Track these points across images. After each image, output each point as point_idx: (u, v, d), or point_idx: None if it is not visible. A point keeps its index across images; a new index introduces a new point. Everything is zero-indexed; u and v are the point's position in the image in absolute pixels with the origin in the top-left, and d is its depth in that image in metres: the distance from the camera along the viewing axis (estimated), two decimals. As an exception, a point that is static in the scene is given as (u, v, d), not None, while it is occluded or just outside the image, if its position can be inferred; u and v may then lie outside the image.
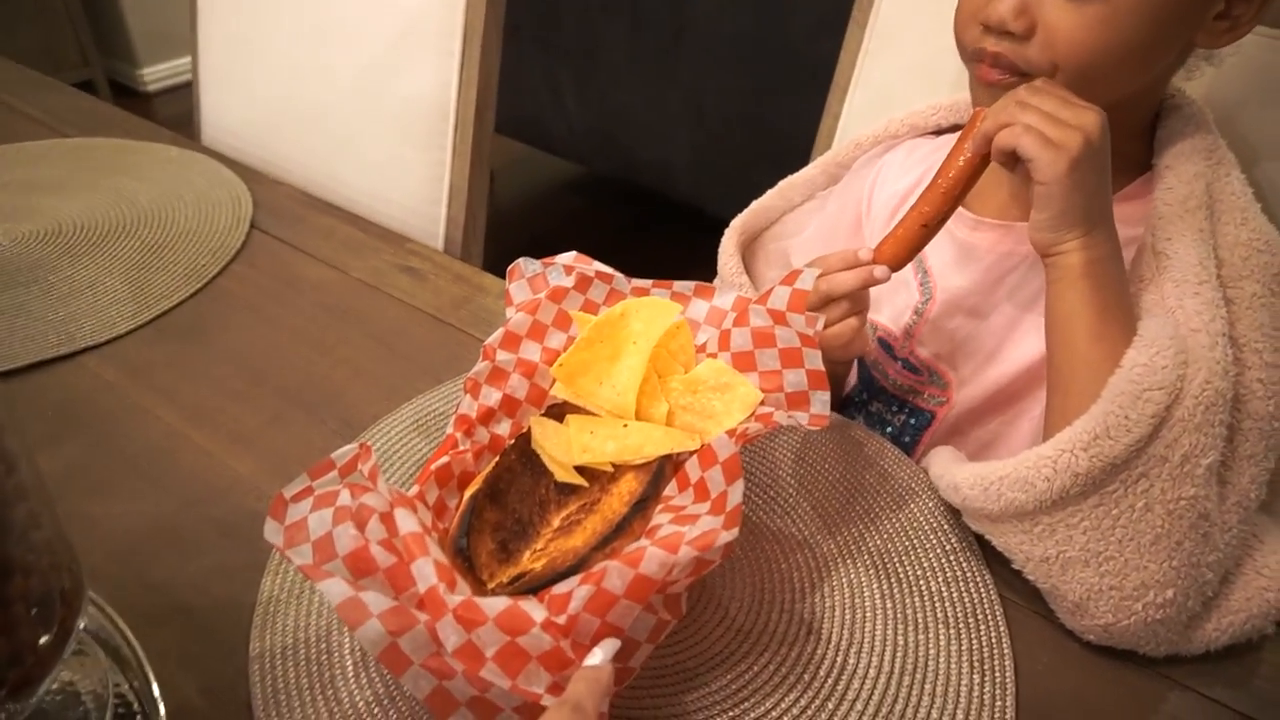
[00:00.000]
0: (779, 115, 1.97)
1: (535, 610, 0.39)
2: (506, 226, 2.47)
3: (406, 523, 0.42)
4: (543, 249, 0.60)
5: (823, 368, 0.50)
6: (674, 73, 2.09)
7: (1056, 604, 0.50)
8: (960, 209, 0.62)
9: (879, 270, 0.56)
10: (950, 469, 0.52)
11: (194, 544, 0.52)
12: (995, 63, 0.54)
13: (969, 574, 0.52)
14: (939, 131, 0.75)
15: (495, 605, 0.39)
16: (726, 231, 0.77)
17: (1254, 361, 0.50)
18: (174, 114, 2.78)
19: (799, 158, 0.99)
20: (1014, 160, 0.51)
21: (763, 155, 2.06)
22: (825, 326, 0.57)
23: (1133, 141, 0.60)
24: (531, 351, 0.56)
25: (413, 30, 0.89)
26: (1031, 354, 0.60)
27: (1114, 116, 0.53)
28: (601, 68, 2.21)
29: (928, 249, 0.65)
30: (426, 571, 0.40)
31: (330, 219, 0.84)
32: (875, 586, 0.51)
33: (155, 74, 2.88)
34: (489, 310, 0.73)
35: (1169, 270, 0.51)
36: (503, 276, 0.71)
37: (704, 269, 0.79)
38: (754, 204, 0.79)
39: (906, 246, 0.56)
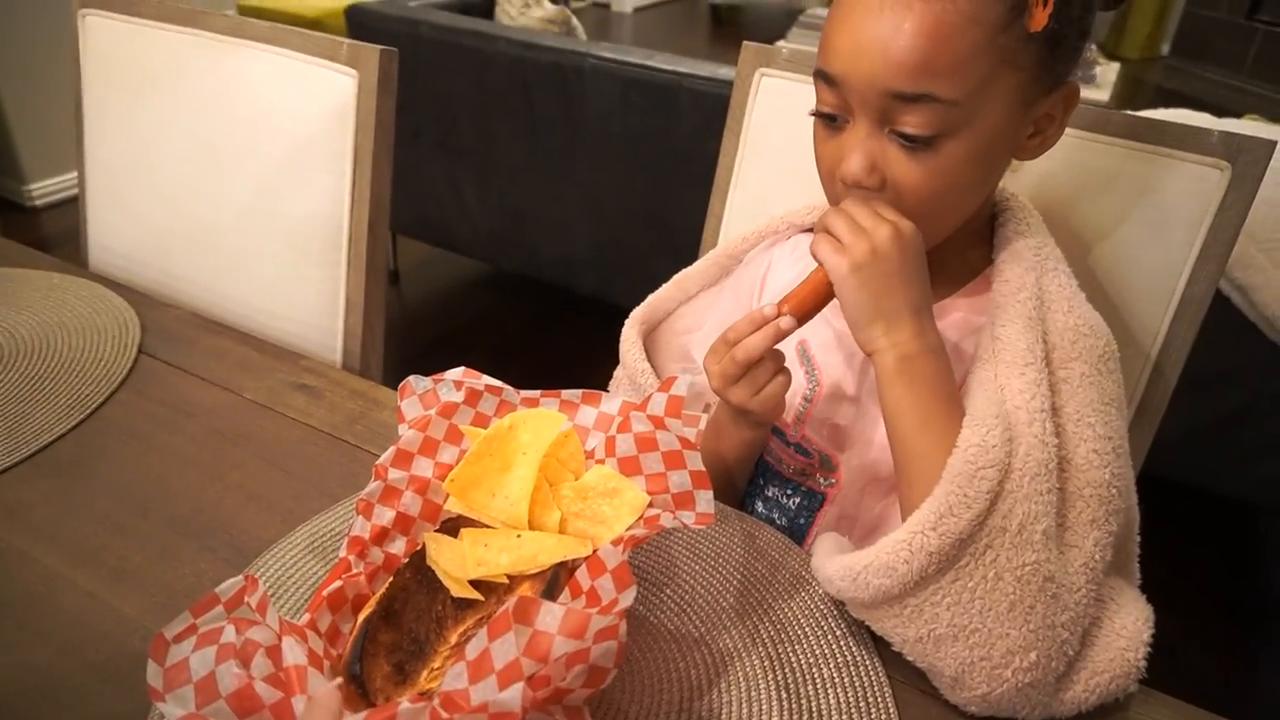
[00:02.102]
0: (673, 209, 2.05)
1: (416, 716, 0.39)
2: (415, 328, 2.47)
3: (292, 654, 0.41)
4: (451, 348, 0.61)
5: (703, 469, 0.52)
6: (571, 172, 2.16)
7: (937, 680, 0.52)
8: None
9: (785, 321, 0.58)
10: (823, 564, 0.55)
11: (73, 694, 0.50)
12: None
13: (858, 659, 0.54)
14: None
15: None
16: (627, 323, 0.80)
17: (1088, 434, 0.55)
18: (62, 229, 2.71)
19: (695, 248, 1.04)
20: None
21: (661, 247, 2.13)
22: (757, 391, 0.60)
23: (974, 240, 0.66)
24: (424, 468, 0.57)
25: (303, 152, 0.91)
26: None
27: (958, 229, 0.61)
28: (501, 169, 2.27)
29: (811, 338, 0.69)
30: (300, 708, 0.40)
31: (223, 340, 0.84)
32: (770, 678, 0.53)
33: (42, 189, 2.82)
34: (385, 425, 0.73)
35: (1002, 353, 0.57)
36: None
37: (611, 361, 0.81)
38: (651, 296, 0.83)
39: (812, 299, 0.59)
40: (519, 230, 2.33)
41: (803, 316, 0.59)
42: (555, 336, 2.43)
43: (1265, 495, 1.63)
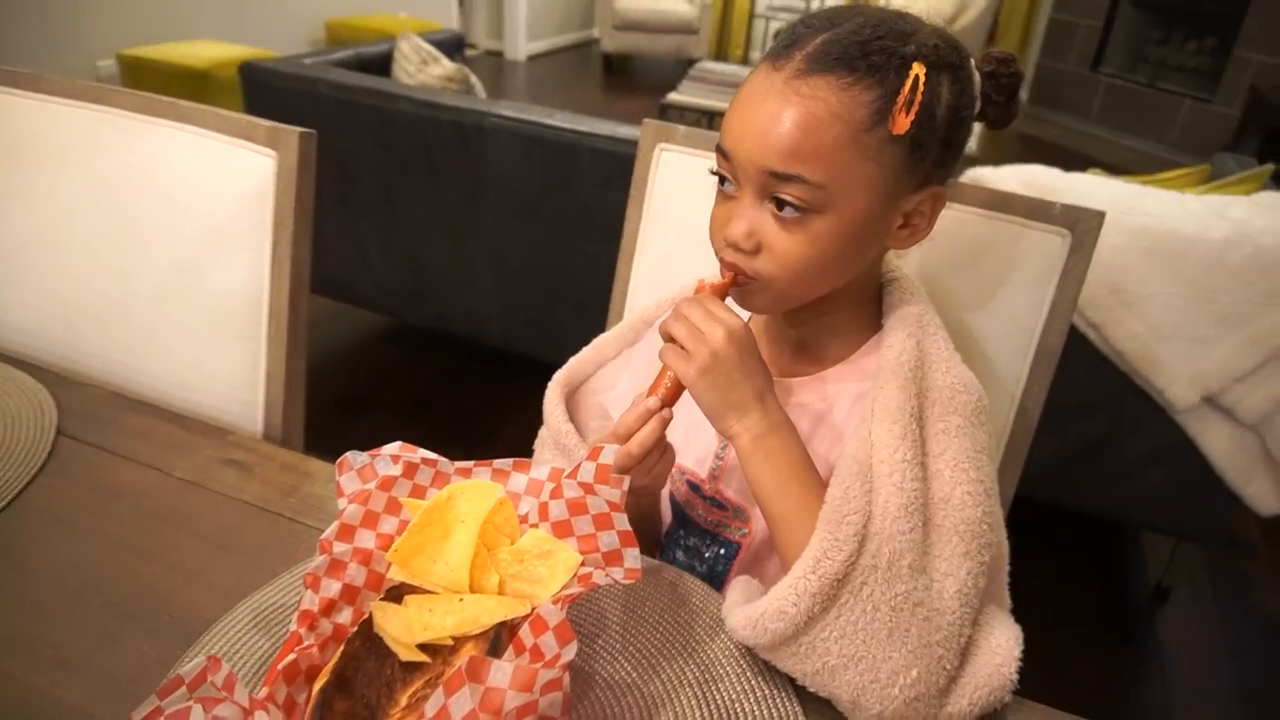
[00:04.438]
0: (576, 261, 2.12)
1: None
2: (320, 383, 2.42)
3: (264, 729, 0.44)
4: (359, 404, 0.64)
5: (630, 528, 0.58)
6: (475, 227, 2.20)
7: (839, 705, 0.59)
8: None
9: (666, 412, 0.67)
10: (728, 614, 0.61)
11: (24, 784, 0.51)
12: (732, 268, 0.67)
13: (773, 692, 0.60)
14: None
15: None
16: (550, 385, 0.85)
17: (962, 478, 0.63)
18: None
19: (598, 298, 1.10)
20: None
21: (565, 298, 2.20)
22: (649, 471, 0.68)
23: (864, 309, 0.74)
24: (366, 539, 0.61)
25: (221, 230, 0.93)
26: None
27: (845, 294, 0.70)
28: (404, 226, 2.29)
29: None
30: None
31: (145, 418, 0.85)
32: (698, 714, 0.58)
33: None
34: (318, 497, 0.76)
35: (878, 411, 0.65)
36: (322, 451, 0.76)
37: (519, 410, 0.85)
38: (572, 360, 0.88)
39: (675, 389, 0.68)
40: (424, 285, 2.35)
41: (673, 403, 0.68)
42: (463, 387, 2.45)
43: (1127, 511, 1.80)
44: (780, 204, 0.63)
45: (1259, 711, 1.65)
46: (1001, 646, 0.60)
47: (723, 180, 0.68)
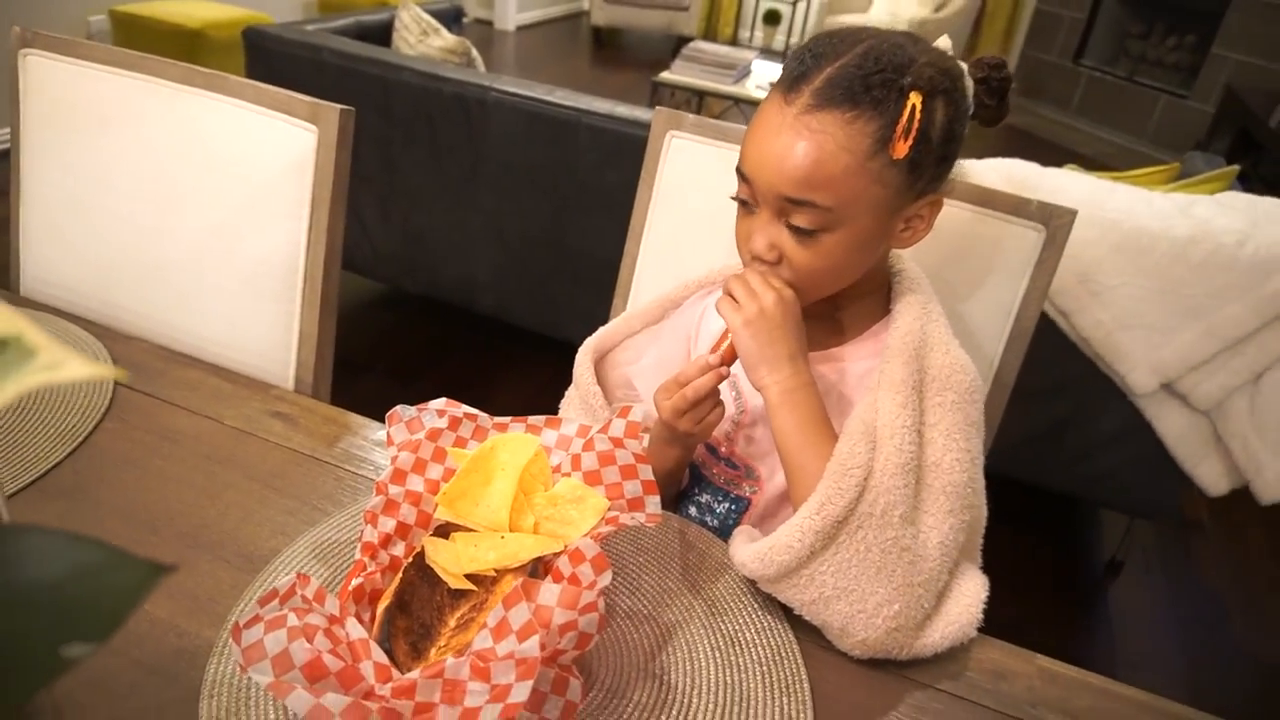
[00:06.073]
0: (572, 235, 2.19)
1: (460, 667, 0.51)
2: (312, 346, 2.49)
3: (356, 630, 0.53)
4: (354, 368, 0.72)
5: (652, 478, 0.66)
6: (474, 199, 2.26)
7: (828, 633, 0.68)
8: None
9: (724, 369, 0.77)
10: (737, 550, 0.70)
11: (126, 687, 0.59)
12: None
13: (772, 623, 0.69)
14: None
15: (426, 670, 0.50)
16: (581, 350, 0.93)
17: (953, 447, 0.72)
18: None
19: (592, 273, 1.16)
20: None
21: (559, 271, 2.26)
22: (700, 421, 0.77)
23: (874, 298, 0.83)
24: (416, 483, 0.69)
25: (260, 198, 1.00)
26: None
27: (857, 285, 0.79)
28: (403, 194, 2.34)
29: (739, 372, 0.85)
30: (369, 670, 0.52)
31: (193, 371, 0.91)
32: (706, 642, 0.67)
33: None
34: (360, 447, 0.83)
35: (884, 382, 0.73)
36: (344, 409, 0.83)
37: (508, 378, 0.93)
38: (602, 330, 0.96)
39: (734, 349, 0.77)
40: (420, 253, 2.40)
41: (731, 362, 0.77)
42: (456, 355, 2.51)
43: (1087, 489, 1.91)
44: (794, 224, 0.72)
45: (1201, 678, 1.78)
46: (971, 591, 0.70)
47: (744, 202, 0.77)
